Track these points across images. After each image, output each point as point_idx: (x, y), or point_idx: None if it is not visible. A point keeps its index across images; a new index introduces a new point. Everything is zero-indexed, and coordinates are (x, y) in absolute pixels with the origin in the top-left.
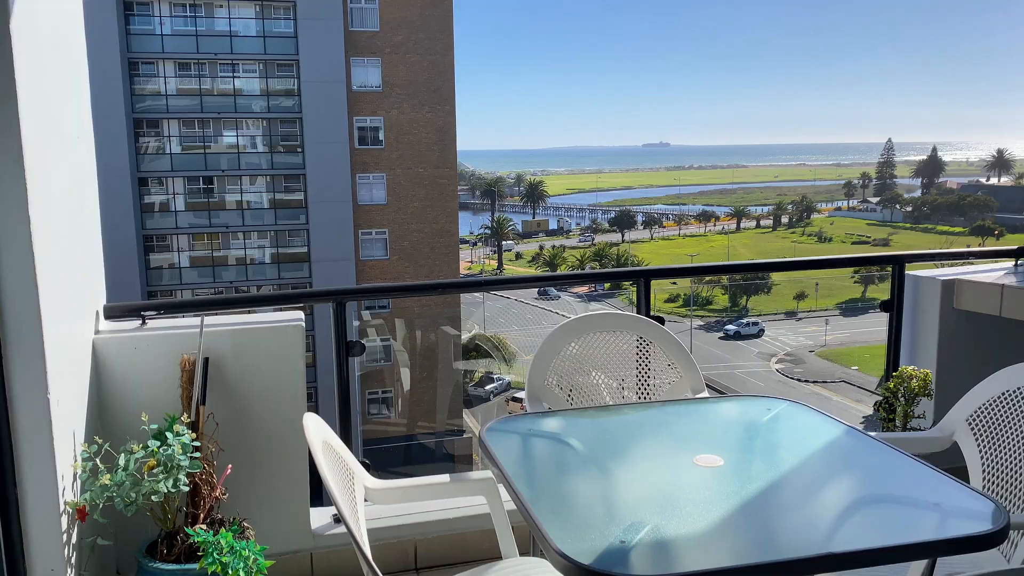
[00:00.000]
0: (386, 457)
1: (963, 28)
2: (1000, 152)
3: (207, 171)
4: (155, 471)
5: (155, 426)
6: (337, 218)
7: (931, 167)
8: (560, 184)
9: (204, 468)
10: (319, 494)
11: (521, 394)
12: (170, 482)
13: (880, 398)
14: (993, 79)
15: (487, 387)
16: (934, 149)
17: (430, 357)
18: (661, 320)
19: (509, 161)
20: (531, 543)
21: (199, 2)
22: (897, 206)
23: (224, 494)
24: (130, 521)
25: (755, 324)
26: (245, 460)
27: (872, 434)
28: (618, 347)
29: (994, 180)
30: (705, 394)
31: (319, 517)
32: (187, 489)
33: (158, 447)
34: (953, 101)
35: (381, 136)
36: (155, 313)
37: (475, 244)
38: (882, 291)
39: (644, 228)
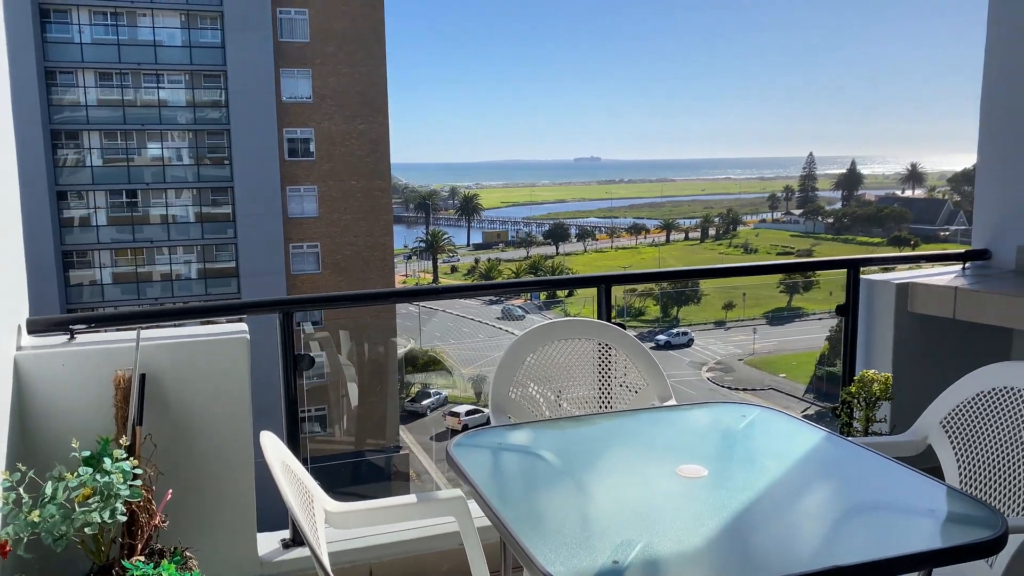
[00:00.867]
0: (327, 477)
1: (878, 48)
2: (914, 166)
3: (130, 184)
4: (89, 500)
5: (87, 452)
6: (267, 232)
7: (850, 180)
8: (494, 197)
9: (143, 495)
10: (266, 518)
11: (458, 408)
12: (106, 512)
13: (844, 402)
14: (906, 97)
15: (424, 402)
16: (853, 163)
17: (364, 373)
18: (622, 328)
19: (443, 174)
20: (502, 563)
21: (121, 10)
22: (819, 218)
23: (164, 522)
24: (58, 555)
25: (685, 334)
26: (187, 484)
27: (851, 439)
28: (583, 355)
29: (908, 192)
30: (673, 401)
31: (267, 543)
32: (124, 519)
33: (91, 474)
34: (869, 117)
35: (312, 148)
36: (85, 327)
37: (410, 257)
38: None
39: (578, 241)
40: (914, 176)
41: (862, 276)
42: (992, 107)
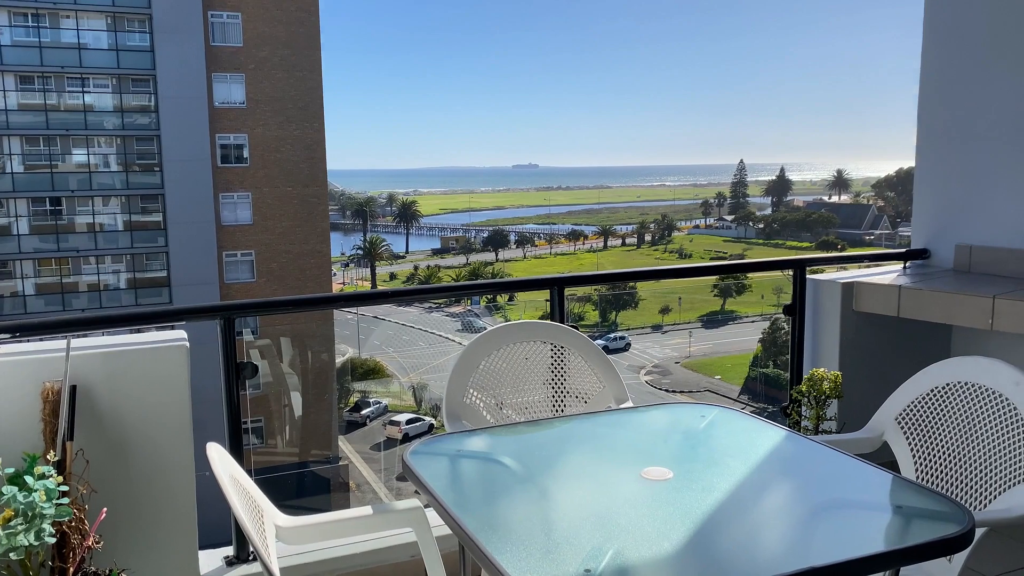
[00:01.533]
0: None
1: (805, 59)
2: (840, 172)
3: (54, 192)
4: (12, 523)
5: (11, 469)
6: (199, 240)
7: (780, 186)
8: (433, 204)
9: (74, 514)
10: (209, 535)
11: (399, 417)
12: (32, 535)
13: (793, 401)
14: (832, 106)
15: (363, 412)
16: (782, 170)
17: (308, 382)
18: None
19: (381, 181)
20: (460, 574)
21: (43, 11)
22: (750, 223)
23: (98, 542)
24: None
25: (623, 338)
26: (123, 501)
27: (811, 437)
28: (539, 358)
29: (835, 198)
30: (629, 403)
31: (209, 561)
32: (53, 540)
33: (15, 494)
34: (797, 125)
35: (246, 154)
36: (9, 336)
37: (347, 265)
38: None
39: (517, 247)
40: (840, 182)
41: (808, 276)
42: (929, 114)
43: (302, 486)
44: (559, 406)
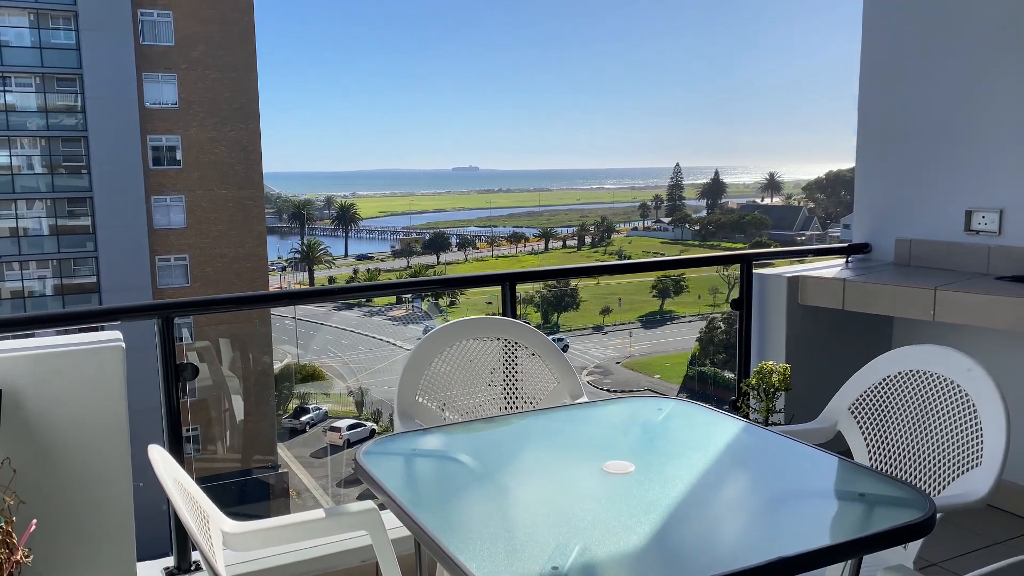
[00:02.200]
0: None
1: (738, 64)
2: (772, 175)
3: None
4: None
5: None
6: (130, 244)
7: (714, 189)
8: (372, 207)
9: (0, 527)
10: (148, 545)
11: (339, 423)
12: None
13: (742, 394)
14: (763, 110)
15: (303, 418)
16: (716, 173)
17: (250, 385)
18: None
19: (318, 183)
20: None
21: None
22: (686, 225)
23: (28, 556)
24: None
25: (561, 340)
26: (54, 512)
27: (768, 428)
28: (492, 354)
29: (768, 200)
30: (585, 399)
31: (148, 573)
32: None
33: None
34: (731, 129)
35: (179, 156)
36: None
37: (285, 269)
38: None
39: (459, 250)
40: (772, 185)
41: (755, 271)
42: (868, 114)
43: (242, 493)
44: (515, 402)
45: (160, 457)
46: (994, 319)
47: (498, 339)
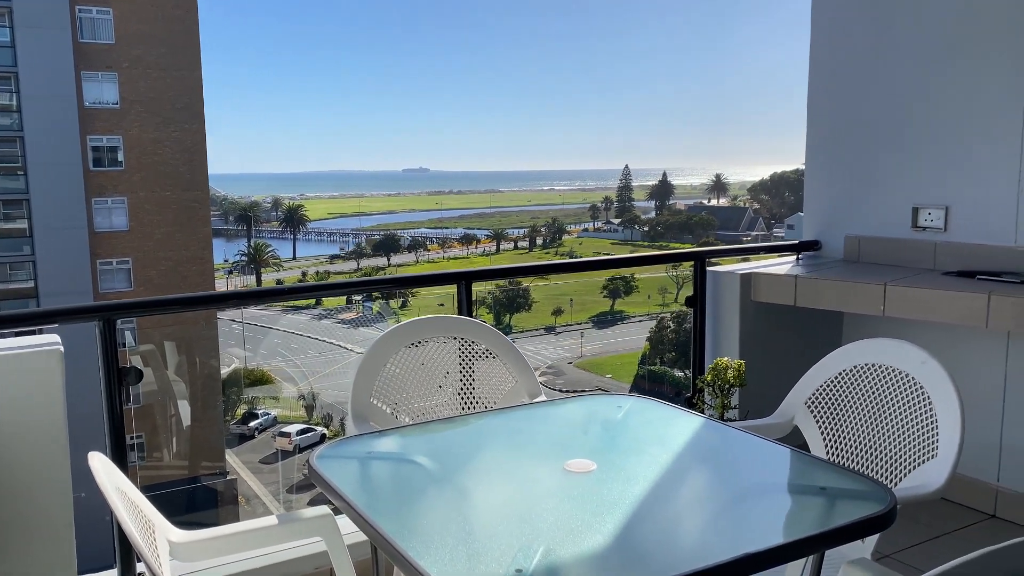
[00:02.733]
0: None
1: (682, 69)
2: (718, 177)
3: None
4: None
5: None
6: (70, 248)
7: (662, 191)
8: (321, 208)
9: None
10: (91, 557)
11: (289, 428)
12: None
13: (698, 390)
14: (711, 112)
15: (251, 423)
16: (664, 175)
17: (197, 389)
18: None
19: (265, 185)
20: None
21: None
22: (636, 226)
23: None
24: None
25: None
26: None
27: (727, 423)
28: (448, 353)
29: (714, 202)
30: (543, 398)
31: None
32: None
33: None
34: (678, 131)
35: (121, 157)
36: None
37: (231, 272)
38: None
39: (409, 251)
40: (719, 186)
41: (708, 268)
42: (817, 115)
43: (189, 501)
44: (470, 402)
45: (101, 464)
46: (942, 314)
47: (454, 338)
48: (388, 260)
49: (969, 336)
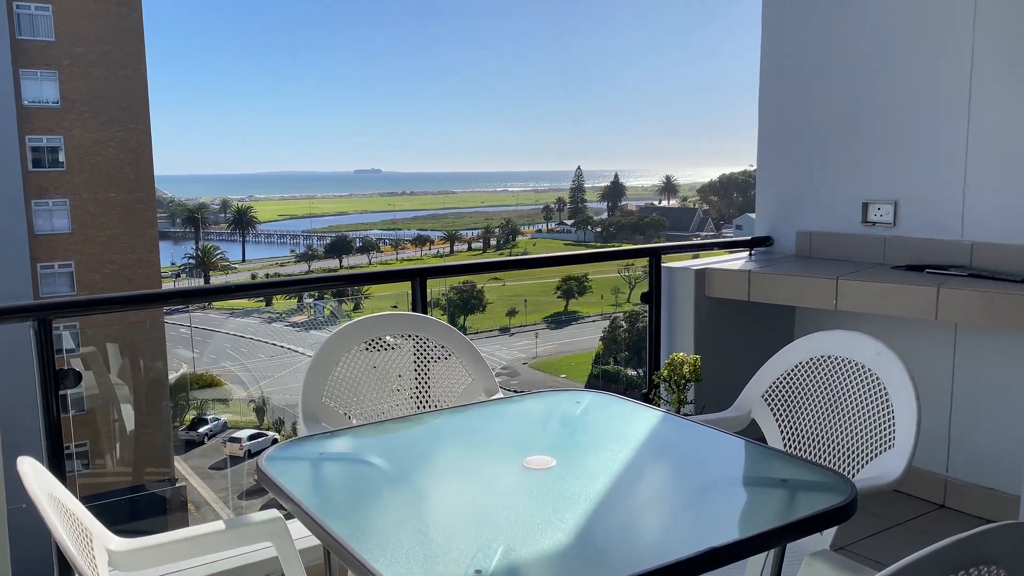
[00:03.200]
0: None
1: (633, 73)
2: (668, 178)
3: None
4: None
5: None
6: (8, 250)
7: (614, 192)
8: (271, 210)
9: None
10: (30, 569)
11: (239, 433)
12: None
13: (654, 386)
14: (662, 114)
15: (200, 429)
16: (616, 176)
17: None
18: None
19: (213, 186)
20: None
21: None
22: (589, 227)
23: None
24: None
25: None
26: None
27: (687, 418)
28: (403, 351)
29: (665, 203)
30: (500, 395)
31: None
32: None
33: None
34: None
35: (62, 157)
36: None
37: (179, 275)
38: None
39: (362, 253)
40: (669, 188)
41: (663, 265)
42: (768, 113)
43: (135, 510)
44: (425, 401)
45: (31, 469)
46: (892, 307)
47: (408, 336)
48: (340, 262)
49: (919, 328)
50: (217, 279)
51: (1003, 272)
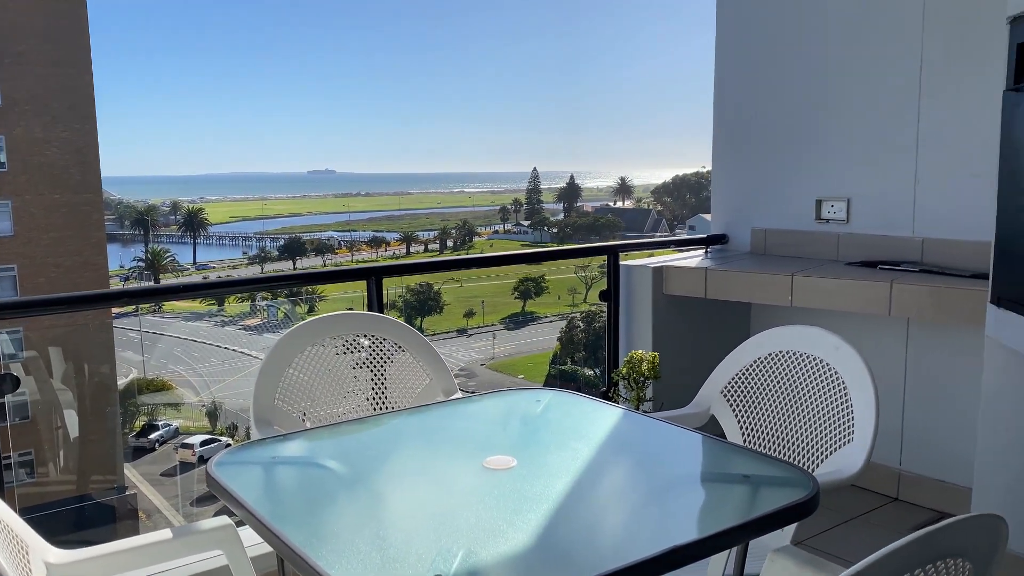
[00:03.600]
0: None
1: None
2: (623, 180)
3: None
4: None
5: None
6: None
7: (570, 193)
8: (222, 212)
9: None
10: None
11: (191, 439)
12: None
13: (612, 383)
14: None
15: (151, 435)
16: (572, 177)
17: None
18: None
19: (163, 188)
20: None
21: None
22: (545, 228)
23: None
24: None
25: None
26: None
27: (648, 415)
28: (358, 352)
29: (620, 204)
30: (459, 395)
31: None
32: None
33: None
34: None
35: (3, 158)
36: None
37: (128, 278)
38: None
39: (316, 255)
40: (624, 189)
41: (621, 263)
42: (723, 112)
43: (81, 520)
44: (384, 402)
45: None
46: (846, 302)
47: (364, 336)
48: (294, 264)
49: (872, 324)
50: (168, 282)
51: (953, 267)
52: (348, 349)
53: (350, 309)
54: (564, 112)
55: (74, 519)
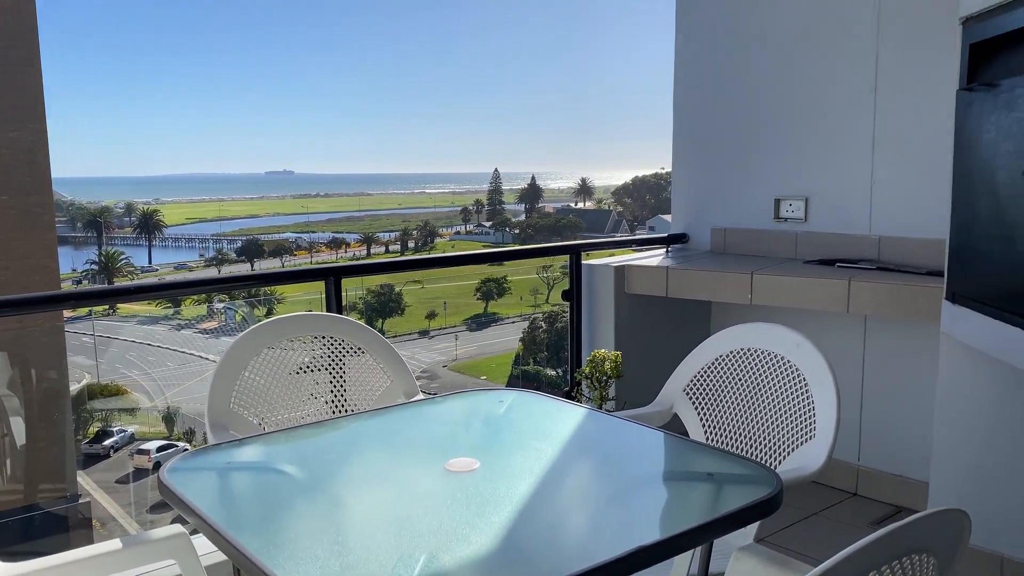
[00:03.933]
0: None
1: (549, 75)
2: (584, 180)
3: None
4: None
5: None
6: None
7: (532, 194)
8: (178, 213)
9: None
10: None
11: (147, 445)
12: None
13: (575, 383)
14: (576, 118)
15: (105, 442)
16: (533, 178)
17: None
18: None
19: (117, 189)
20: None
21: None
22: (507, 229)
23: None
24: None
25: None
26: None
27: (611, 414)
28: (317, 353)
29: (581, 204)
30: (421, 397)
31: None
32: None
33: None
34: (544, 136)
35: None
36: None
37: (80, 282)
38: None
39: (274, 256)
40: (584, 190)
41: (583, 262)
42: (682, 112)
43: (31, 530)
44: (342, 405)
45: None
46: (805, 300)
47: (322, 337)
48: (252, 266)
49: (830, 321)
50: (121, 284)
51: (909, 265)
52: (306, 351)
53: (309, 311)
54: (525, 113)
55: (23, 530)
